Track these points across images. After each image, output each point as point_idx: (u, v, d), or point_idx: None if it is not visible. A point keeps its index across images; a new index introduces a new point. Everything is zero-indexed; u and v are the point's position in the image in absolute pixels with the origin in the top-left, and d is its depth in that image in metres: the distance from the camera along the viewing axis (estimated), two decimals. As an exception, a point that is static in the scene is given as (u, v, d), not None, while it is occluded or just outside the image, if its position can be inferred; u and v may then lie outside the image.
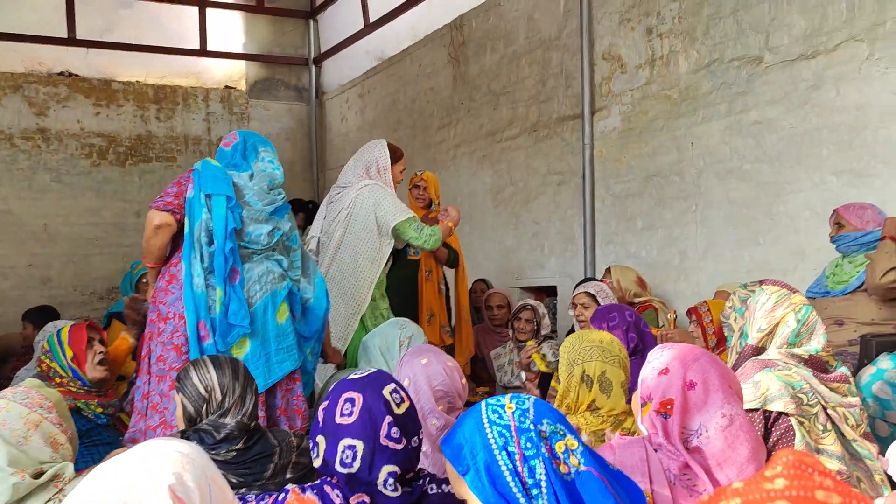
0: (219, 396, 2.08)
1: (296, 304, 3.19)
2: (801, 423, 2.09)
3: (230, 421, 2.03)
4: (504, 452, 1.31)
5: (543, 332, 4.70)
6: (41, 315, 5.55)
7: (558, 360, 4.52)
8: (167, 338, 2.94)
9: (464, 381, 2.44)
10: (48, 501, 1.79)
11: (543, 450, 1.31)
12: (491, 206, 6.48)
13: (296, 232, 3.38)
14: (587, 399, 2.42)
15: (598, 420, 2.42)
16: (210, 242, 2.99)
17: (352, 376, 1.71)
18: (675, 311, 4.43)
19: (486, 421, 1.36)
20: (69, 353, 3.18)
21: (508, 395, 1.41)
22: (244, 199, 3.15)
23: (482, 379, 5.09)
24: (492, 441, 1.32)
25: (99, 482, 1.02)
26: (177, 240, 3.13)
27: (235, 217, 3.06)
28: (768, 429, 2.11)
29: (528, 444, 1.32)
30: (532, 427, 1.34)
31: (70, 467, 1.89)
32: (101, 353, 3.23)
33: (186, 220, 3.06)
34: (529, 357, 4.17)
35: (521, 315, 4.74)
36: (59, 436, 1.96)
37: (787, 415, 2.10)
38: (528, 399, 1.41)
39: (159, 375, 2.93)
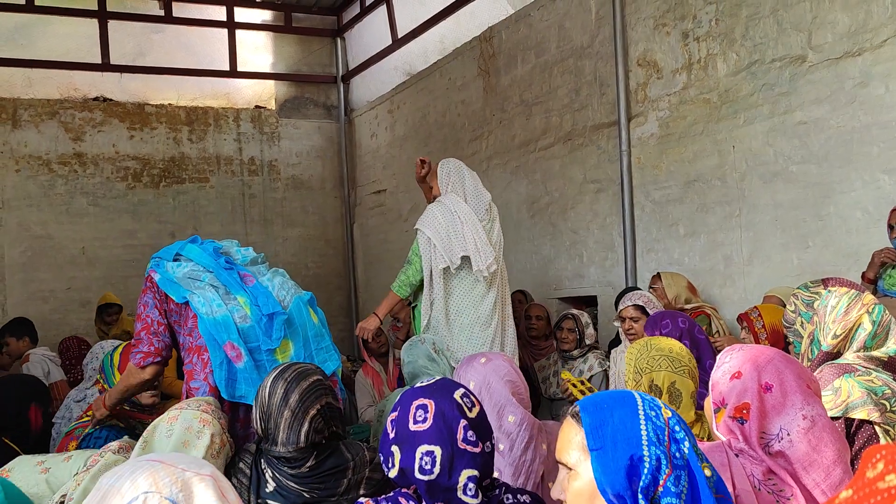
0: (265, 424, 2.03)
1: (317, 310, 3.22)
2: (886, 431, 2.00)
3: (280, 448, 1.99)
4: (655, 448, 1.28)
5: (588, 342, 4.62)
6: (18, 326, 5.81)
7: (604, 371, 4.47)
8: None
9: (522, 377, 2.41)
10: None
11: (685, 460, 1.30)
12: (527, 216, 6.44)
13: None
14: None
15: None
16: (208, 271, 3.02)
17: (417, 385, 1.68)
18: (720, 320, 4.34)
19: (642, 413, 1.32)
20: (118, 378, 3.19)
21: (661, 401, 1.39)
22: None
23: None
24: (644, 435, 1.29)
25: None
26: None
27: (210, 243, 3.12)
28: (850, 437, 2.03)
29: (678, 455, 1.29)
30: (685, 438, 1.31)
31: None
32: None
33: (169, 289, 3.00)
34: (567, 390, 4.09)
35: (564, 325, 4.67)
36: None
37: (870, 422, 2.01)
38: (674, 411, 1.38)
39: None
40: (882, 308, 2.22)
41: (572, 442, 1.34)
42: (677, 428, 1.32)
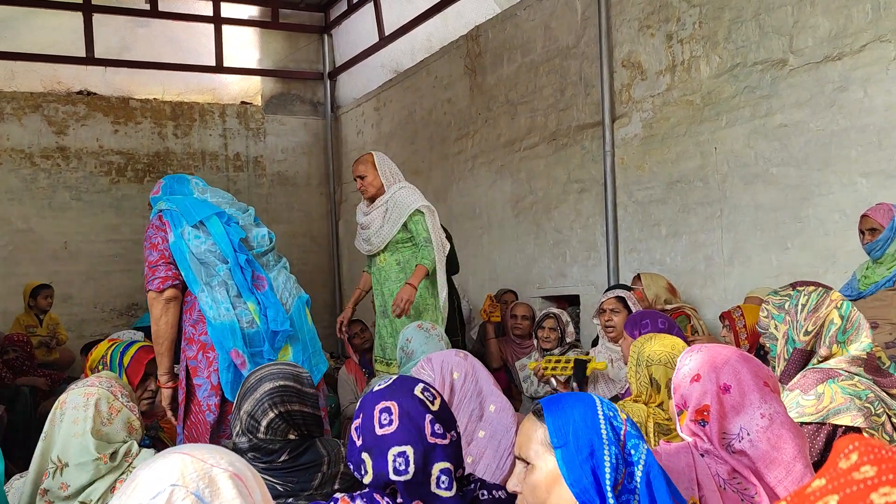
0: (233, 417, 2.07)
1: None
2: (871, 436, 2.03)
3: (243, 440, 2.01)
4: (614, 447, 1.37)
5: (568, 340, 4.66)
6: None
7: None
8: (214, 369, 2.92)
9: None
10: (122, 474, 2.10)
11: (642, 458, 1.39)
12: (511, 215, 6.47)
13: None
14: (657, 400, 2.45)
15: (665, 414, 2.44)
16: (225, 261, 2.96)
17: (376, 388, 1.69)
18: (700, 320, 4.39)
19: (601, 414, 1.40)
20: (123, 380, 3.16)
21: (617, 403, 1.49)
22: (228, 213, 3.11)
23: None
24: (604, 432, 1.38)
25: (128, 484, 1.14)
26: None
27: (237, 229, 3.03)
28: (832, 442, 2.05)
29: (633, 451, 1.38)
30: (639, 436, 1.42)
31: (135, 445, 2.20)
32: (149, 393, 3.17)
33: (182, 265, 2.95)
34: (543, 376, 4.11)
35: (545, 324, 4.70)
36: (135, 421, 2.24)
37: (854, 429, 2.03)
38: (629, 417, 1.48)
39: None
40: (850, 304, 2.26)
41: (533, 438, 1.40)
42: (633, 429, 1.41)
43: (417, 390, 1.65)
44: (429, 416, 1.60)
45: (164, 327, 2.97)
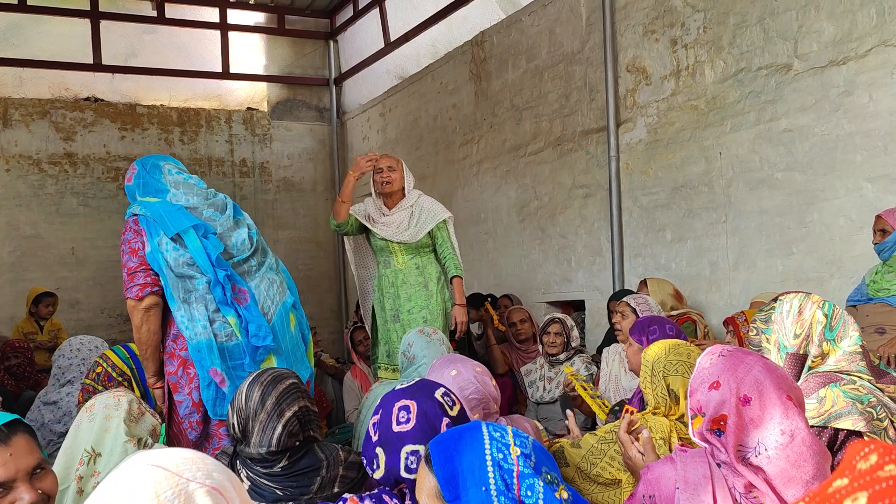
0: (242, 426, 2.06)
1: (298, 310, 3.20)
2: (874, 440, 2.01)
3: (252, 450, 2.01)
4: (503, 497, 1.28)
5: (573, 345, 4.65)
6: None
7: (590, 374, 4.49)
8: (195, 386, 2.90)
9: (494, 383, 2.42)
10: None
11: (540, 499, 1.29)
12: (516, 220, 6.47)
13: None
14: (677, 413, 2.37)
15: (687, 428, 2.39)
16: (204, 274, 2.91)
17: (399, 386, 1.71)
18: (706, 326, 4.37)
19: (489, 458, 1.31)
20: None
21: (511, 430, 1.37)
22: (205, 216, 3.02)
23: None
24: (492, 482, 1.28)
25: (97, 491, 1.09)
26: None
27: (215, 242, 2.94)
28: (838, 446, 2.02)
29: (529, 493, 1.29)
30: (534, 473, 1.31)
31: (150, 440, 2.30)
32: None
33: (160, 275, 2.90)
34: (570, 384, 4.07)
35: (550, 329, 4.69)
36: (157, 428, 2.34)
37: (856, 433, 2.01)
38: (529, 439, 1.37)
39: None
40: (832, 303, 2.25)
41: (425, 490, 1.34)
42: (527, 463, 1.31)
43: (438, 394, 1.67)
44: (446, 420, 1.62)
45: (146, 335, 2.91)
